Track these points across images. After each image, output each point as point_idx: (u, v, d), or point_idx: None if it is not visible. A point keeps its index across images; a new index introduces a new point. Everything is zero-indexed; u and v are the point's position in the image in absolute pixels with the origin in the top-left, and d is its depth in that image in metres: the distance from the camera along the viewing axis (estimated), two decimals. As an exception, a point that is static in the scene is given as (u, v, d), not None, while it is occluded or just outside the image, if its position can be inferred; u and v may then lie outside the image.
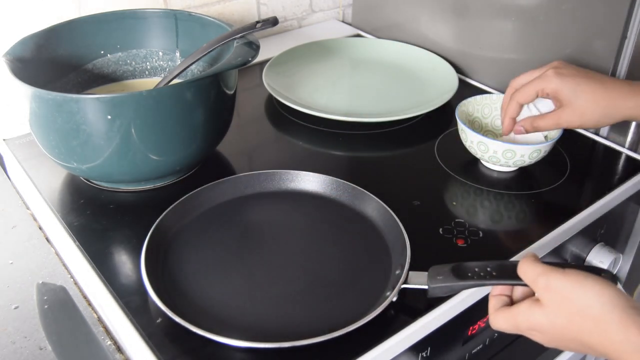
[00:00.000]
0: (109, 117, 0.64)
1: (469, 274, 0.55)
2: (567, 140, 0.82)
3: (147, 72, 0.90)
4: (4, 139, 0.86)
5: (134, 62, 0.89)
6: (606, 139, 0.88)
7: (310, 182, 0.74)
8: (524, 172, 0.80)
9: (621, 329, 0.44)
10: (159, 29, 0.87)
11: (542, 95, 0.71)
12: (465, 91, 0.96)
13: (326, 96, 0.97)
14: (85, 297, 0.64)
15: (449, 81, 0.99)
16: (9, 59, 0.71)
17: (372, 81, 1.03)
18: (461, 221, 0.71)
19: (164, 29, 0.87)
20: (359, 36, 1.21)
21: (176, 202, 0.69)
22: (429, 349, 0.63)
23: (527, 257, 0.51)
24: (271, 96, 0.97)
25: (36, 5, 0.90)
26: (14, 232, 0.73)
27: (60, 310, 0.62)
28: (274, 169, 0.76)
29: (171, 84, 0.76)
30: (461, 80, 1.01)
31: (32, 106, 0.67)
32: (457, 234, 0.69)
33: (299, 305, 0.59)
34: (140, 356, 0.55)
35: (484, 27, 0.99)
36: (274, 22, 0.75)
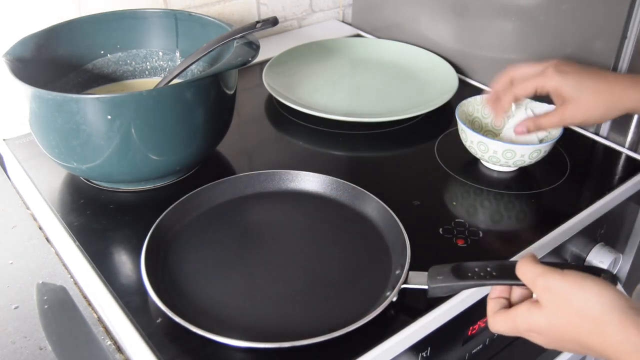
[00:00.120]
0: (109, 117, 0.64)
1: (469, 274, 0.55)
2: (567, 140, 0.82)
3: (147, 72, 0.90)
4: (4, 139, 0.86)
5: (134, 62, 0.89)
6: (606, 139, 0.88)
7: (310, 182, 0.74)
8: (524, 172, 0.80)
9: (621, 329, 0.44)
10: (159, 29, 0.87)
11: (542, 92, 0.71)
12: (465, 91, 0.96)
13: (326, 96, 0.97)
14: (85, 297, 0.64)
15: (449, 81, 0.99)
16: (9, 59, 0.71)
17: (372, 81, 1.03)
18: (461, 221, 0.71)
19: (164, 29, 0.87)
20: (359, 36, 1.21)
21: (176, 202, 0.69)
22: (429, 349, 0.63)
23: (525, 257, 0.51)
24: (271, 96, 0.97)
25: (36, 5, 0.90)
26: (14, 232, 0.73)
27: (60, 310, 0.62)
28: (274, 169, 0.76)
29: (171, 84, 0.76)
30: (461, 80, 1.01)
31: (32, 106, 0.67)
32: (457, 234, 0.69)
33: (299, 305, 0.59)
34: (140, 356, 0.55)
35: (484, 27, 0.99)
36: (274, 22, 0.75)
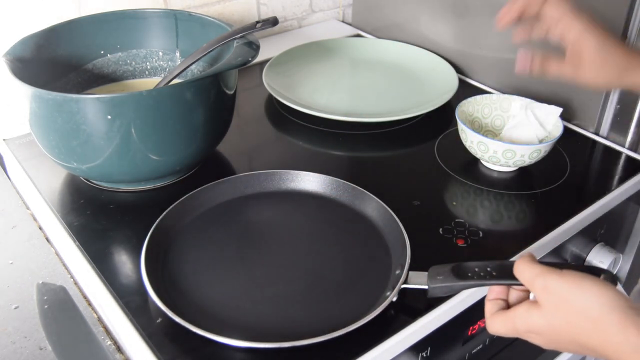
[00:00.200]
0: (109, 117, 0.64)
1: (469, 274, 0.55)
2: (567, 140, 0.82)
3: (147, 72, 0.90)
4: (4, 139, 0.86)
5: (134, 62, 0.89)
6: (606, 139, 0.88)
7: (310, 182, 0.74)
8: (524, 172, 0.80)
9: (620, 329, 0.44)
10: (159, 29, 0.87)
11: (558, 38, 0.67)
12: (465, 91, 0.96)
13: (326, 96, 0.97)
14: (85, 297, 0.64)
15: (449, 81, 0.99)
16: (9, 59, 0.71)
17: (372, 81, 1.03)
18: (461, 221, 0.71)
19: (164, 29, 0.87)
20: (359, 36, 1.21)
21: (176, 202, 0.69)
22: (429, 349, 0.63)
23: (523, 257, 0.51)
24: (271, 96, 0.97)
25: (36, 5, 0.90)
26: (14, 232, 0.73)
27: (60, 310, 0.62)
28: (274, 169, 0.76)
29: (171, 84, 0.76)
30: (461, 80, 1.01)
31: (32, 106, 0.67)
32: (457, 234, 0.69)
33: (299, 305, 0.59)
34: (140, 356, 0.55)
35: (484, 27, 0.99)
36: (274, 22, 0.75)
